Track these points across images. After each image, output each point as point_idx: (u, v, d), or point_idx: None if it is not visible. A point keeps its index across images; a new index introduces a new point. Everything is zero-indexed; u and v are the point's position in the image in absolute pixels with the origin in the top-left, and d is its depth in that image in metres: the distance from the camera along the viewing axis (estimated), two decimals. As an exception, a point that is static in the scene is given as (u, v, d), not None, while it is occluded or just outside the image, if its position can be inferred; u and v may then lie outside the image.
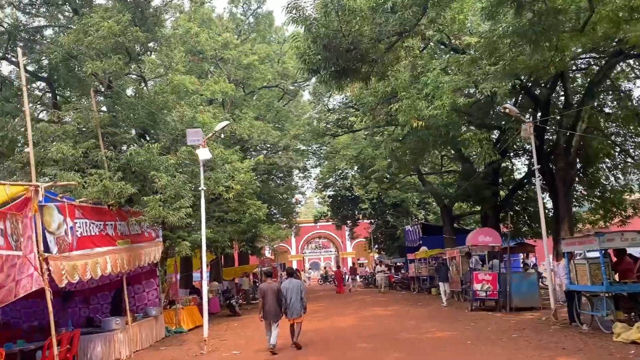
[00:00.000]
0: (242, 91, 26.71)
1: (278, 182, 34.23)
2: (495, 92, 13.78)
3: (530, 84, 18.92)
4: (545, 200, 28.54)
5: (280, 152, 26.54)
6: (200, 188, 13.49)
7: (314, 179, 43.07)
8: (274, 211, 35.85)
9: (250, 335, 15.11)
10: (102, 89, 16.57)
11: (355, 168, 37.47)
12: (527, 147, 26.99)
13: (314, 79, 27.36)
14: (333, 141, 32.92)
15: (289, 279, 12.21)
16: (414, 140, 18.96)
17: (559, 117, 18.13)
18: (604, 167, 23.69)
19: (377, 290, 31.22)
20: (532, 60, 12.13)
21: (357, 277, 37.76)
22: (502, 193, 26.77)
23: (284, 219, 38.67)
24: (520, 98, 20.89)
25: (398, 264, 39.75)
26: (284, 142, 25.86)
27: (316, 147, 34.93)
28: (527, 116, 19.31)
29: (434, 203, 38.06)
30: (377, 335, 12.80)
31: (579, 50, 16.55)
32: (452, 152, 28.86)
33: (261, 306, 11.69)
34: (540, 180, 26.72)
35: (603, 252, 11.04)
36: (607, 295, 10.86)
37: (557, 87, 19.70)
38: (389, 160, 18.65)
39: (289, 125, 27.94)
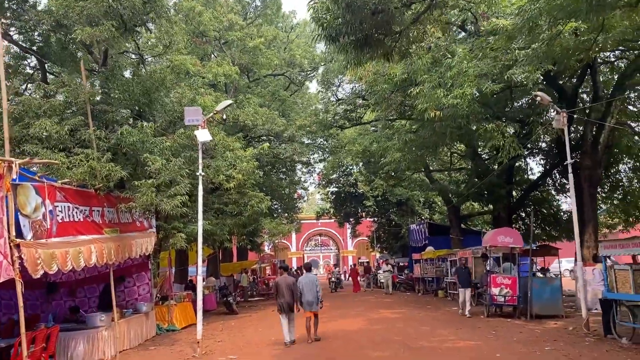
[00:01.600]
0: (247, 78, 25.39)
1: (281, 176, 32.95)
2: (526, 77, 12.48)
3: (554, 75, 17.62)
4: (562, 202, 27.34)
5: (284, 145, 25.23)
6: (197, 173, 12.19)
7: (317, 174, 41.79)
8: (276, 206, 34.57)
9: (248, 337, 13.86)
10: (97, 67, 15.35)
11: (361, 164, 36.18)
12: (542, 145, 25.81)
13: (321, 69, 26.07)
14: (339, 135, 31.62)
15: (305, 274, 12.69)
16: (428, 132, 17.68)
17: (587, 111, 16.80)
18: (626, 168, 22.41)
19: (383, 292, 29.78)
20: (572, 42, 10.83)
21: (370, 276, 36.02)
22: (514, 194, 25.55)
23: (286, 215, 37.42)
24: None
25: (401, 264, 38.48)
26: (289, 133, 24.53)
27: (321, 141, 33.57)
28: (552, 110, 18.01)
29: (440, 202, 36.80)
30: (390, 342, 11.52)
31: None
32: (464, 148, 27.61)
33: (276, 299, 12.24)
34: (560, 179, 25.66)
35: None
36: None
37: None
38: (402, 153, 17.32)
39: (294, 116, 26.60)
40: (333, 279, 34.00)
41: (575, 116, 16.67)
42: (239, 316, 19.71)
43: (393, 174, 28.80)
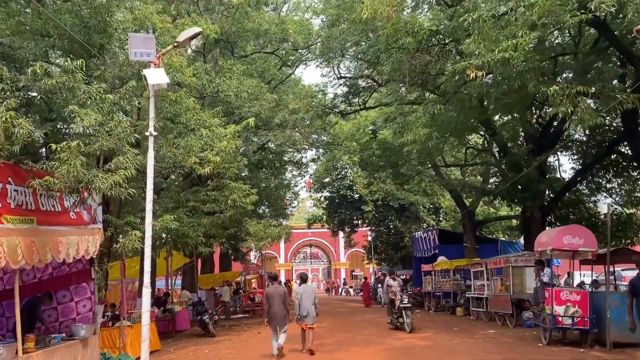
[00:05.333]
0: (230, 54, 21.36)
1: (269, 176, 28.97)
2: (624, 2, 8.67)
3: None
4: (599, 203, 23.59)
5: (274, 132, 21.22)
6: (147, 133, 8.10)
7: (309, 176, 37.89)
8: (263, 208, 30.54)
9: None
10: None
11: (357, 166, 32.46)
12: (577, 137, 22.17)
13: (321, 41, 21.91)
14: (335, 130, 27.75)
15: (302, 285, 12.07)
16: (461, 106, 13.84)
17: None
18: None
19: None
20: None
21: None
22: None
23: (275, 222, 33.32)
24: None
25: (403, 276, 34.42)
26: (280, 118, 20.55)
27: (315, 137, 29.63)
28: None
29: (449, 207, 32.98)
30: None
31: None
32: (481, 141, 23.93)
33: (267, 310, 11.57)
34: (601, 175, 21.90)
35: None
36: None
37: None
38: (429, 129, 13.32)
39: (286, 99, 22.61)
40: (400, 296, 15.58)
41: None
42: (216, 339, 15.57)
43: (402, 172, 24.79)
